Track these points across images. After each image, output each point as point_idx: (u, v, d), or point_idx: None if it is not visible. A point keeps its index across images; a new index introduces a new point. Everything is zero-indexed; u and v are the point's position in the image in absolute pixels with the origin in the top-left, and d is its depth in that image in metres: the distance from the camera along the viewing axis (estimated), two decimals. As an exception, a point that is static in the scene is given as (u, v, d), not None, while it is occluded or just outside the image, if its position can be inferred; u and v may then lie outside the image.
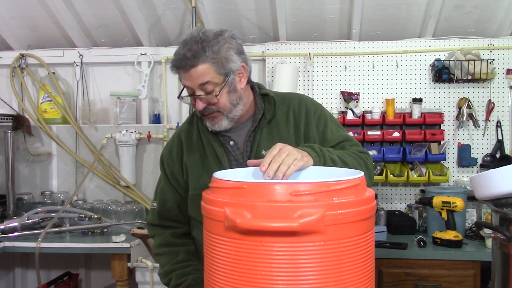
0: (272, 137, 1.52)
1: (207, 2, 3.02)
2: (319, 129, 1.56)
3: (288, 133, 1.54)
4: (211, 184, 1.16)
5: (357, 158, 1.47)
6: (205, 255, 1.13)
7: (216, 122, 1.49)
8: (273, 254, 0.99)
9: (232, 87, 1.46)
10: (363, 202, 1.06)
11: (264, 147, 1.51)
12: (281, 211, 0.99)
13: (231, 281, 1.03)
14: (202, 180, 1.53)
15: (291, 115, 1.56)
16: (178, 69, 1.44)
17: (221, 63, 1.42)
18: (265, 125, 1.55)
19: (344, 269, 1.02)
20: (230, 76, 1.45)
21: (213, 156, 1.55)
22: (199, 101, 1.46)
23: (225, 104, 1.47)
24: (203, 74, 1.41)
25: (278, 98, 1.59)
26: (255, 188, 1.03)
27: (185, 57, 1.40)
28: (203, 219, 1.14)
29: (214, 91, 1.43)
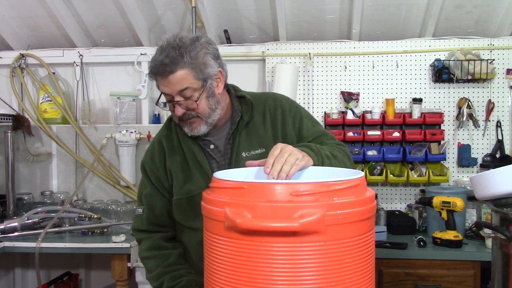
0: (251, 139, 1.54)
1: (207, 2, 3.02)
2: (295, 127, 1.57)
3: (266, 133, 1.56)
4: (211, 184, 1.16)
5: (340, 150, 1.49)
6: (205, 255, 1.13)
7: (195, 127, 1.50)
8: (273, 254, 0.99)
9: (211, 92, 1.47)
10: (363, 202, 1.06)
11: (244, 148, 1.53)
12: (281, 211, 0.99)
13: (231, 281, 1.03)
14: (184, 186, 1.54)
15: (268, 116, 1.58)
16: (156, 76, 1.44)
17: (199, 68, 1.43)
18: (244, 127, 1.56)
19: (344, 269, 1.02)
20: (208, 81, 1.45)
21: (194, 160, 1.55)
22: (178, 107, 1.45)
23: (204, 109, 1.47)
24: (182, 80, 1.41)
25: (254, 99, 1.59)
26: (255, 188, 1.03)
27: (163, 63, 1.40)
28: (203, 219, 1.14)
29: (193, 96, 1.44)
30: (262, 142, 1.53)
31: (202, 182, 1.51)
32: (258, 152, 1.53)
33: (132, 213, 3.15)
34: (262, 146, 1.54)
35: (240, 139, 1.54)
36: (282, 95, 1.70)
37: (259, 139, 1.54)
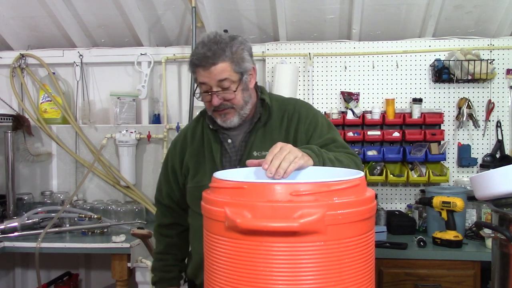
0: (265, 140, 1.62)
1: (207, 2, 3.02)
2: (307, 134, 1.63)
3: (280, 136, 1.62)
4: (211, 184, 1.16)
5: (348, 157, 1.53)
6: (205, 255, 1.13)
7: (228, 118, 1.61)
8: (273, 254, 0.99)
9: (246, 85, 1.60)
10: (363, 202, 1.06)
11: (256, 148, 1.62)
12: (281, 211, 0.99)
13: (231, 281, 1.03)
14: (196, 175, 1.66)
15: (285, 120, 1.66)
16: (198, 67, 1.55)
17: (238, 62, 1.56)
18: (260, 127, 1.65)
19: (344, 269, 1.02)
20: (244, 75, 1.58)
21: (209, 152, 1.67)
22: (215, 96, 1.57)
23: (239, 100, 1.59)
24: (222, 72, 1.53)
25: (277, 103, 1.69)
26: (255, 188, 1.03)
27: (206, 56, 1.52)
28: (203, 219, 1.14)
29: (231, 87, 1.56)
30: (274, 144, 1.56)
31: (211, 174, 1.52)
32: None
33: (132, 213, 3.16)
34: None
35: (254, 139, 1.63)
36: (305, 102, 1.79)
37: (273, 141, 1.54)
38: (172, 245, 1.83)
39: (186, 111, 3.35)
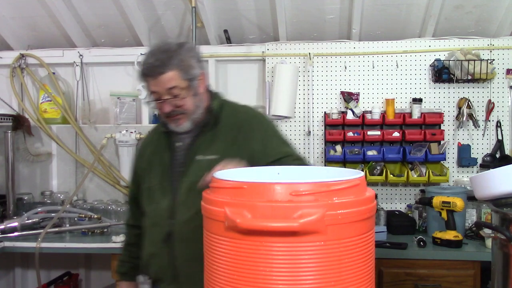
0: (210, 144, 1.68)
1: (207, 2, 3.02)
2: (262, 143, 1.68)
3: (225, 143, 1.68)
4: (211, 184, 1.16)
5: None
6: (205, 255, 1.13)
7: (180, 123, 1.68)
8: (273, 254, 0.99)
9: (195, 91, 1.66)
10: (363, 202, 1.06)
11: (201, 152, 1.67)
12: (281, 211, 0.99)
13: (231, 281, 1.03)
14: (148, 176, 1.75)
15: (235, 128, 1.70)
16: (147, 77, 1.62)
17: (186, 70, 1.62)
18: (207, 132, 1.70)
19: (344, 269, 1.02)
20: (193, 81, 1.64)
21: (161, 154, 1.75)
22: (166, 104, 1.64)
23: (189, 106, 1.65)
24: (171, 80, 1.60)
25: (229, 109, 1.76)
26: (255, 188, 1.03)
27: (154, 65, 1.60)
28: (203, 219, 1.14)
29: (180, 94, 1.62)
30: (218, 149, 1.66)
31: (159, 175, 1.71)
32: (212, 157, 1.64)
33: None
34: (217, 153, 1.65)
35: (200, 142, 1.69)
36: (259, 112, 1.85)
37: (217, 146, 1.67)
38: (132, 243, 1.90)
39: (186, 111, 3.35)
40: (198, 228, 1.52)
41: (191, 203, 1.60)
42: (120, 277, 1.92)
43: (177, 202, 1.65)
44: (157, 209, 1.69)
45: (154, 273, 1.73)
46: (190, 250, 1.59)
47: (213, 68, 3.33)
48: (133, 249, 1.88)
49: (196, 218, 1.54)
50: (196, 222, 1.54)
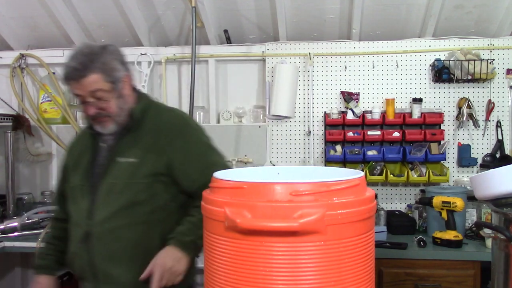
0: (131, 148, 1.67)
1: (207, 2, 3.02)
2: (183, 152, 1.68)
3: (145, 147, 1.67)
4: (211, 184, 1.16)
5: None
6: (205, 255, 1.13)
7: (106, 125, 1.68)
8: (273, 254, 0.99)
9: (119, 93, 1.66)
10: (363, 202, 1.06)
11: (122, 154, 1.67)
12: (281, 211, 0.99)
13: (231, 281, 1.03)
14: (72, 175, 1.75)
15: (156, 131, 1.69)
16: (70, 80, 1.61)
17: (109, 72, 1.61)
18: (129, 134, 1.69)
19: (344, 269, 1.02)
20: (117, 83, 1.64)
21: (85, 154, 1.75)
22: (90, 107, 1.64)
23: (114, 109, 1.65)
24: (94, 83, 1.59)
25: (154, 111, 1.75)
26: (255, 188, 1.03)
27: (76, 68, 1.59)
28: (203, 219, 1.14)
29: (104, 97, 1.62)
30: (138, 152, 1.66)
31: (81, 175, 1.72)
32: (130, 160, 1.65)
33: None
34: (136, 156, 1.65)
35: (122, 144, 1.69)
36: (184, 117, 1.83)
37: (137, 149, 1.67)
38: (58, 237, 1.86)
39: (186, 111, 3.35)
40: (116, 229, 1.61)
41: (109, 204, 1.63)
42: (40, 270, 1.82)
43: (96, 203, 1.65)
44: (77, 209, 1.70)
45: (77, 271, 1.74)
46: (107, 250, 1.62)
47: (213, 68, 3.33)
48: (58, 242, 1.84)
49: (113, 219, 1.61)
50: (113, 223, 1.61)
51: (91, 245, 1.64)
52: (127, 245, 1.63)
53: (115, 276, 1.63)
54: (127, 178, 1.63)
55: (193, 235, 1.59)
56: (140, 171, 1.63)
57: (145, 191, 1.63)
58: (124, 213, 1.62)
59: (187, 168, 1.66)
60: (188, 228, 1.61)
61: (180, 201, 1.70)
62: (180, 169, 1.66)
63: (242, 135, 3.29)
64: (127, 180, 1.63)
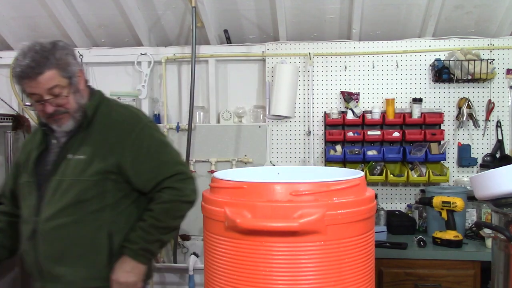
0: (81, 145, 1.65)
1: (207, 2, 3.02)
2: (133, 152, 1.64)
3: (96, 144, 1.65)
4: (211, 184, 1.16)
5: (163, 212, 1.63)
6: (205, 255, 1.13)
7: (63, 123, 1.64)
8: (273, 254, 0.99)
9: (76, 88, 1.63)
10: (363, 202, 1.06)
11: (73, 151, 1.65)
12: (281, 211, 0.99)
13: (231, 281, 1.03)
14: (22, 172, 1.72)
15: (107, 129, 1.67)
16: (24, 79, 1.57)
17: (64, 67, 1.58)
18: (81, 131, 1.67)
19: (344, 269, 1.02)
20: (73, 78, 1.61)
21: (34, 151, 1.71)
22: (48, 105, 1.59)
23: (72, 104, 1.62)
24: (51, 79, 1.56)
25: (106, 109, 1.71)
26: (255, 188, 1.03)
27: (30, 66, 1.54)
28: (203, 219, 1.14)
29: (62, 93, 1.59)
30: (88, 149, 1.64)
31: (29, 171, 1.69)
32: (80, 157, 1.63)
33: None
34: (86, 153, 1.63)
35: (73, 141, 1.66)
36: (138, 115, 1.76)
37: (87, 147, 1.64)
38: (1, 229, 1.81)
39: (186, 111, 3.35)
40: (61, 227, 1.59)
41: (55, 201, 1.61)
42: None
43: (43, 200, 1.63)
44: (26, 205, 1.68)
45: (27, 269, 1.71)
46: (52, 248, 1.60)
47: (213, 68, 3.33)
48: (2, 238, 1.79)
49: (58, 217, 1.59)
50: (58, 220, 1.59)
51: (37, 243, 1.62)
52: (72, 244, 1.60)
53: (60, 275, 1.61)
54: (75, 175, 1.60)
55: (143, 241, 1.59)
56: (89, 168, 1.60)
57: (93, 189, 1.60)
58: (70, 211, 1.60)
59: (138, 167, 1.63)
60: (138, 235, 1.60)
61: (133, 199, 1.68)
62: (131, 168, 1.63)
63: (242, 135, 3.29)
64: (75, 177, 1.60)
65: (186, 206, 1.63)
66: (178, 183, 1.62)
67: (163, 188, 1.62)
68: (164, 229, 1.62)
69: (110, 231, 1.62)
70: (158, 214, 1.61)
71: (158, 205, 1.62)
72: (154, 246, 1.62)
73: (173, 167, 1.66)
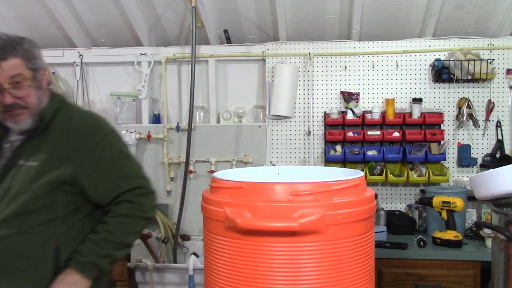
0: (35, 151, 1.53)
1: (207, 2, 3.02)
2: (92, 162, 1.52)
3: (50, 151, 1.52)
4: (211, 184, 1.16)
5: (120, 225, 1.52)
6: (205, 255, 1.13)
7: (21, 119, 1.52)
8: (273, 254, 0.99)
9: (39, 84, 1.53)
10: (363, 202, 1.06)
11: (25, 157, 1.52)
12: (281, 211, 0.99)
13: (231, 281, 1.03)
14: None
15: (64, 135, 1.54)
16: None
17: (30, 59, 1.50)
18: (36, 136, 1.54)
19: (344, 269, 1.02)
20: (38, 72, 1.53)
21: None
22: (7, 95, 1.48)
23: (33, 99, 1.51)
24: (15, 67, 1.47)
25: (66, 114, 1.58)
26: (255, 188, 1.03)
27: None
28: (203, 219, 1.14)
29: (24, 84, 1.49)
30: (41, 156, 1.51)
31: None
32: (32, 164, 1.51)
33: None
34: (39, 160, 1.51)
35: (26, 146, 1.54)
36: (100, 122, 1.63)
37: (41, 153, 1.52)
38: None
39: (186, 111, 3.35)
40: (4, 238, 1.48)
41: (0, 210, 1.49)
42: None
43: None
44: None
45: None
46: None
47: (213, 68, 3.33)
48: None
49: (2, 227, 1.47)
50: (1, 231, 1.47)
51: None
52: (15, 257, 1.47)
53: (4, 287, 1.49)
54: (24, 183, 1.48)
55: (92, 255, 1.47)
56: (40, 177, 1.48)
57: (42, 199, 1.48)
58: (15, 222, 1.47)
59: (96, 178, 1.52)
60: (88, 247, 1.48)
61: (86, 213, 1.56)
62: (88, 179, 1.51)
63: (242, 135, 3.29)
64: (24, 185, 1.48)
65: (144, 222, 1.54)
66: (138, 198, 1.53)
67: (121, 201, 1.52)
68: (117, 244, 1.50)
69: (57, 246, 1.48)
70: (113, 228, 1.50)
71: (114, 218, 1.52)
72: (104, 261, 1.49)
73: (134, 180, 1.55)
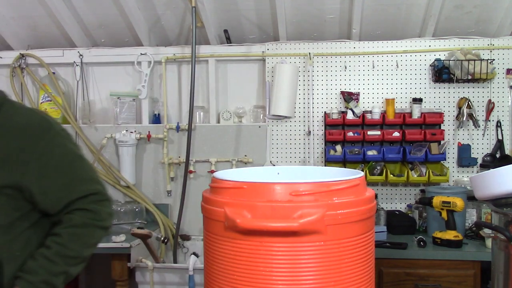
0: None
1: (207, 2, 3.02)
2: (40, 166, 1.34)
3: None
4: (211, 184, 1.16)
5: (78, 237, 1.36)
6: (205, 255, 1.13)
7: None
8: (273, 254, 0.99)
9: None
10: (363, 202, 1.06)
11: None
12: (281, 211, 0.99)
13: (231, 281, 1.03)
14: None
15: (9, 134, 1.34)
16: None
17: None
18: None
19: (344, 269, 1.02)
20: None
21: None
22: None
23: None
24: None
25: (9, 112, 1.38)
26: (255, 188, 1.03)
27: None
28: (203, 219, 1.14)
29: None
30: None
31: None
32: None
33: (132, 213, 3.16)
34: None
35: None
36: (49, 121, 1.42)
37: None
38: None
39: (186, 111, 3.35)
40: None
41: None
42: None
43: None
44: None
45: None
46: None
47: (213, 68, 3.33)
48: None
49: None
50: None
51: None
52: None
53: None
54: None
55: (45, 273, 1.30)
56: None
57: None
58: None
59: (46, 183, 1.34)
60: (40, 264, 1.31)
61: (33, 221, 1.38)
62: (36, 184, 1.33)
63: (242, 135, 3.29)
64: None
65: (101, 232, 1.41)
66: (93, 205, 1.38)
67: (74, 210, 1.35)
68: (72, 259, 1.34)
69: (1, 259, 1.31)
70: (66, 241, 1.33)
71: (67, 229, 1.34)
72: (59, 279, 1.32)
73: (88, 185, 1.40)
